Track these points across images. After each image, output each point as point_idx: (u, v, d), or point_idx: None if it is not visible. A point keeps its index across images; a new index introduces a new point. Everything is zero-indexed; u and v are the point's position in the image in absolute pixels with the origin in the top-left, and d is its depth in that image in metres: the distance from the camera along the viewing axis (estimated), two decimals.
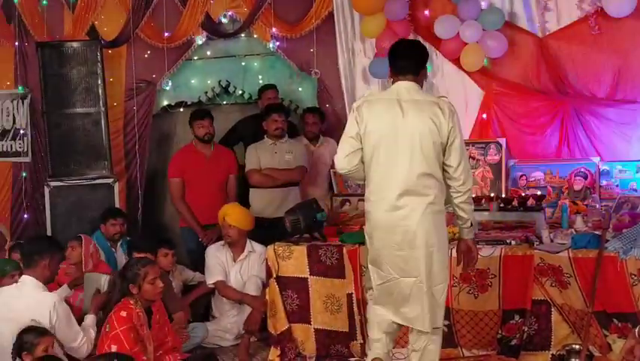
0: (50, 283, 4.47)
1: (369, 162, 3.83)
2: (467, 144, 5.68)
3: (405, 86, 3.83)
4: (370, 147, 3.80)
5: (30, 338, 3.84)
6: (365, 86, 6.32)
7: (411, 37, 6.05)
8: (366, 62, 6.25)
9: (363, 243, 4.79)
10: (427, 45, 5.95)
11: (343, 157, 3.86)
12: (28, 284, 4.20)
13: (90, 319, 4.46)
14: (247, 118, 6.73)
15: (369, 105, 3.83)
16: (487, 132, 5.88)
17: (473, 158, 5.64)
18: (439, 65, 6.08)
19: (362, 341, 4.80)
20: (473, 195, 5.41)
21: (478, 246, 4.54)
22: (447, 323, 4.63)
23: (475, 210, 5.02)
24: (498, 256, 4.54)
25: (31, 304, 4.09)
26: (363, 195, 5.83)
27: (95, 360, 2.17)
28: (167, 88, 7.01)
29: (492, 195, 5.19)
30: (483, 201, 5.06)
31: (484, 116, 5.91)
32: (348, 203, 5.88)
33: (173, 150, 7.19)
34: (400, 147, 3.73)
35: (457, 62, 5.88)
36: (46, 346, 3.83)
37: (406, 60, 3.87)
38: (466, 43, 5.72)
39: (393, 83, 3.91)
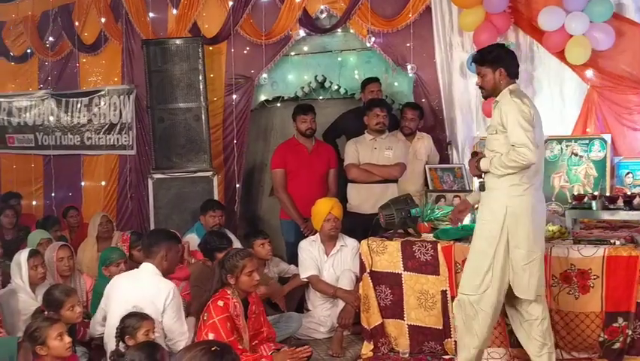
0: (170, 274, 4.63)
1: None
2: (569, 140, 5.53)
3: None
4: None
5: (132, 322, 4.01)
6: (462, 81, 6.22)
7: (511, 30, 5.90)
8: (464, 56, 6.13)
9: (458, 239, 4.75)
10: (528, 38, 5.85)
11: (535, 149, 3.95)
12: (146, 271, 4.41)
13: (191, 320, 4.58)
14: (347, 112, 6.75)
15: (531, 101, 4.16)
16: (591, 128, 5.66)
17: (576, 154, 5.44)
18: (540, 58, 5.89)
19: (455, 340, 4.74)
20: (575, 193, 5.27)
21: (579, 245, 4.48)
22: None
23: (578, 208, 4.90)
24: (601, 256, 4.37)
25: (148, 289, 4.29)
26: (458, 190, 5.83)
27: (194, 347, 2.23)
28: (265, 83, 7.13)
29: (595, 193, 4.99)
30: (586, 199, 4.88)
31: (588, 111, 5.69)
32: (443, 199, 5.80)
33: (270, 145, 7.32)
34: None
35: (560, 55, 5.68)
36: (147, 330, 3.98)
37: None
38: (571, 36, 5.51)
39: (508, 84, 4.17)
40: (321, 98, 7.27)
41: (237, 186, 7.24)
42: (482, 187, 4.22)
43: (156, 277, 4.37)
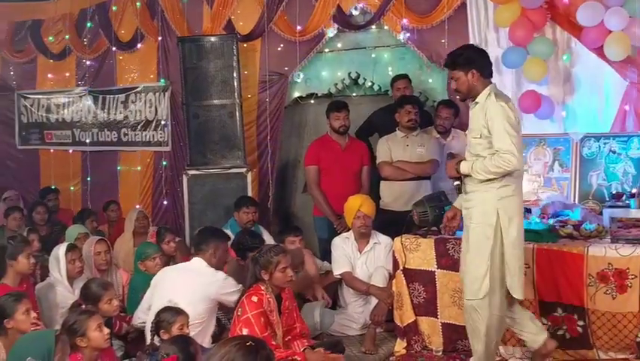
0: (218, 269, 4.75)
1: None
2: (608, 137, 5.43)
3: None
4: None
5: (167, 316, 4.06)
6: (497, 77, 6.12)
7: (547, 25, 5.82)
8: (499, 52, 6.05)
9: None
10: (566, 34, 5.76)
11: (520, 156, 4.00)
12: (197, 264, 4.58)
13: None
14: (379, 110, 6.73)
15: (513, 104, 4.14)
16: (630, 125, 5.55)
17: (614, 152, 5.35)
18: (578, 54, 5.80)
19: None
20: (613, 191, 5.18)
21: (617, 244, 4.42)
22: (582, 323, 4.47)
23: (616, 206, 4.82)
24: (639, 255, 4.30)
25: (199, 280, 4.45)
26: None
27: (229, 342, 2.24)
28: (299, 80, 7.15)
29: (634, 190, 4.90)
30: (624, 197, 4.80)
31: (627, 108, 5.58)
32: None
33: (304, 141, 7.33)
34: None
35: (598, 51, 5.59)
36: (182, 325, 4.03)
37: None
38: (610, 32, 5.41)
39: (485, 85, 4.15)
40: (354, 95, 7.26)
41: (270, 182, 7.27)
42: (459, 190, 4.23)
43: (207, 268, 4.49)
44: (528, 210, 5.24)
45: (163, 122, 7.76)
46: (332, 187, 6.24)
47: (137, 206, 7.31)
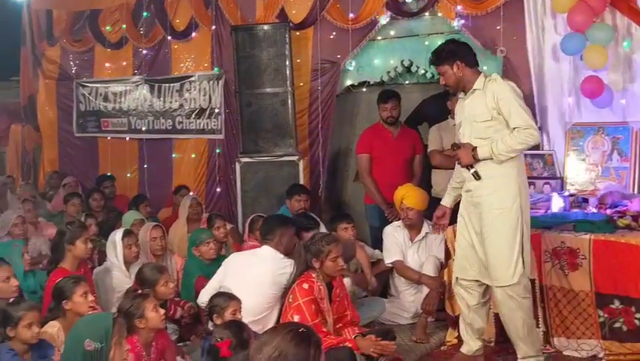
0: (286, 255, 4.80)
1: None
2: None
3: None
4: None
5: (220, 301, 4.12)
6: (555, 65, 6.00)
7: (607, 11, 5.65)
8: (556, 38, 5.91)
9: (547, 227, 4.63)
10: (626, 19, 5.59)
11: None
12: (265, 251, 4.66)
13: None
14: (429, 98, 6.67)
15: None
16: None
17: None
18: (638, 40, 5.62)
19: (544, 329, 4.64)
20: None
21: None
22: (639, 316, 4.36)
23: None
24: None
25: (268, 268, 4.53)
26: (548, 177, 5.67)
27: (281, 329, 2.26)
28: (351, 68, 7.12)
29: None
30: None
31: None
32: (532, 186, 5.64)
33: (355, 130, 7.32)
34: None
35: None
36: (234, 310, 4.08)
37: None
38: None
39: (475, 73, 4.28)
40: (407, 82, 7.20)
41: (322, 170, 7.28)
42: (477, 176, 4.19)
43: (277, 255, 4.57)
44: (585, 200, 5.13)
45: (217, 111, 7.84)
46: (383, 175, 6.23)
47: (191, 193, 7.41)
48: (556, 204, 5.15)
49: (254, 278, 4.50)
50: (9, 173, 10.13)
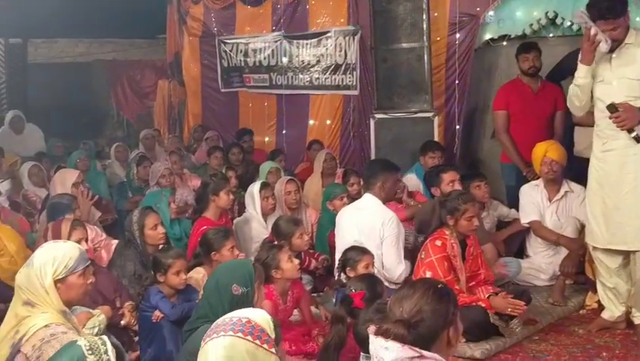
0: (389, 202, 4.84)
1: None
2: None
3: None
4: None
5: (353, 255, 4.21)
6: None
7: None
8: None
9: None
10: None
11: None
12: (367, 200, 4.68)
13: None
14: (575, 52, 6.31)
15: None
16: None
17: None
18: None
19: None
20: None
21: None
22: None
23: None
24: None
25: (369, 218, 4.56)
26: None
27: (420, 285, 2.27)
28: (491, 21, 6.88)
29: None
30: None
31: None
32: None
33: (494, 86, 7.09)
34: None
35: None
36: (367, 264, 4.15)
37: None
38: None
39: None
40: (551, 35, 6.85)
41: (458, 127, 7.15)
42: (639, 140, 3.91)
43: (376, 205, 4.57)
44: None
45: (352, 66, 7.87)
46: (522, 133, 6.02)
47: (326, 148, 7.53)
48: None
49: (357, 230, 4.54)
50: (156, 126, 10.72)
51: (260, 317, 2.27)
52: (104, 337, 2.47)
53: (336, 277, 4.29)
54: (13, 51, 11.64)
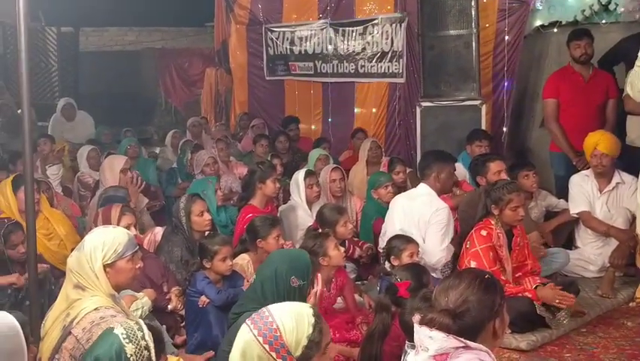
0: (444, 194, 4.81)
1: None
2: None
3: None
4: None
5: (398, 243, 4.21)
6: None
7: None
8: None
9: None
10: None
11: None
12: (421, 190, 4.67)
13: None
14: (628, 38, 6.16)
15: None
16: None
17: None
18: None
19: None
20: None
21: None
22: None
23: None
24: None
25: (421, 207, 4.56)
26: None
27: (466, 275, 2.26)
28: (541, 7, 6.75)
29: None
30: None
31: None
32: None
33: (543, 73, 6.97)
34: None
35: None
36: (412, 253, 4.15)
37: None
38: None
39: None
40: (603, 22, 6.69)
41: (505, 116, 7.05)
42: None
43: (429, 196, 4.54)
44: None
45: (398, 54, 7.81)
46: (572, 121, 5.91)
47: (371, 136, 7.51)
48: None
49: (407, 219, 4.53)
50: (203, 114, 10.83)
51: (291, 330, 2.14)
52: (140, 321, 2.47)
53: (381, 265, 4.29)
54: (64, 40, 11.88)
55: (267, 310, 2.21)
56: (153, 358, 2.36)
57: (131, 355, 2.31)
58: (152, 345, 2.37)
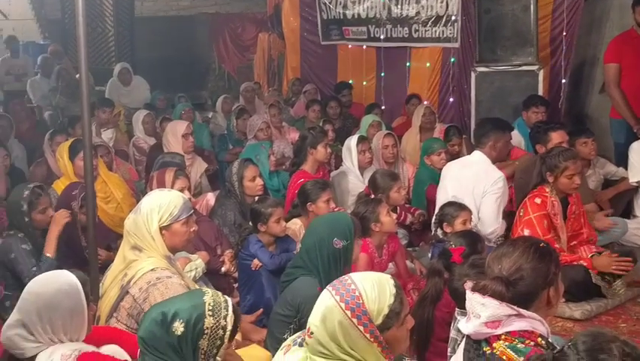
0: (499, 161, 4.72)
1: None
2: None
3: None
4: None
5: (451, 210, 4.17)
6: None
7: None
8: None
9: None
10: None
11: None
12: (476, 157, 4.61)
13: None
14: None
15: None
16: None
17: None
18: None
19: None
20: None
21: None
22: None
23: None
24: None
25: (475, 175, 4.50)
26: None
27: (520, 243, 2.23)
28: None
29: None
30: None
31: None
32: None
33: (604, 37, 6.75)
34: None
35: None
36: (465, 220, 4.11)
37: None
38: None
39: None
40: None
41: (564, 81, 6.86)
42: None
43: (485, 164, 4.48)
44: None
45: (453, 18, 7.65)
46: (634, 87, 5.73)
47: (425, 102, 7.42)
48: None
49: (461, 185, 4.47)
50: (256, 79, 10.87)
51: (374, 298, 2.09)
52: (229, 299, 2.37)
53: (433, 232, 4.28)
54: (121, 5, 12.02)
55: (349, 277, 2.17)
56: (226, 341, 2.29)
57: (207, 328, 2.25)
58: (230, 328, 2.29)
